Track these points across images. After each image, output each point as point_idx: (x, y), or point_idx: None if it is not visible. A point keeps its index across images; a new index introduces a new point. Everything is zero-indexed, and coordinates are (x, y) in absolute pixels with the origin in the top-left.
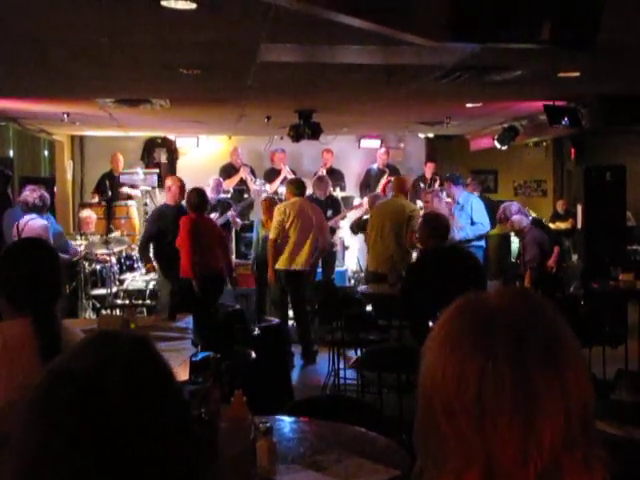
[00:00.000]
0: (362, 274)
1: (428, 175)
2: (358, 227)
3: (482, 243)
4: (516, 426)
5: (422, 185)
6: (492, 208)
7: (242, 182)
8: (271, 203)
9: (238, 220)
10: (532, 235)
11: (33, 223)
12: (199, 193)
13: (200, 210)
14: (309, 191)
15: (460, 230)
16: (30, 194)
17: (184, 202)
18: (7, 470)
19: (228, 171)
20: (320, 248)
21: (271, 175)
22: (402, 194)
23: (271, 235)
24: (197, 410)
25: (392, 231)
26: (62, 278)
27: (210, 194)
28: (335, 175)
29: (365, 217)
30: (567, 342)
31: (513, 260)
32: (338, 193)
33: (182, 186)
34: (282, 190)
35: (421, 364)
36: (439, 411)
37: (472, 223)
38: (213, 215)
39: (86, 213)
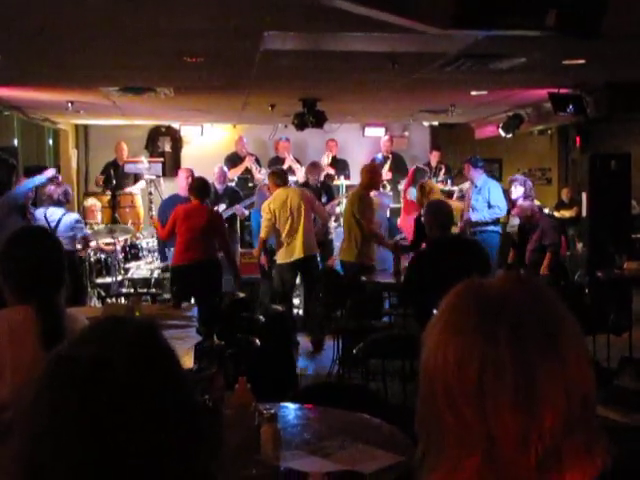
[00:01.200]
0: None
1: (433, 163)
2: None
3: (498, 228)
4: (517, 411)
5: (427, 173)
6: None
7: (247, 171)
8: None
9: (245, 211)
10: (547, 221)
11: (68, 217)
12: (202, 180)
13: (199, 195)
14: (303, 178)
15: (475, 212)
16: (55, 189)
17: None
18: (11, 454)
19: (233, 160)
20: (321, 223)
21: (275, 164)
22: (360, 184)
23: (262, 235)
24: (201, 397)
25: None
26: (65, 267)
27: (216, 184)
28: (339, 164)
29: None
30: (568, 327)
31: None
32: (343, 181)
33: (189, 177)
34: (291, 178)
35: (422, 350)
36: (440, 396)
37: (489, 206)
38: (222, 206)
39: (91, 202)
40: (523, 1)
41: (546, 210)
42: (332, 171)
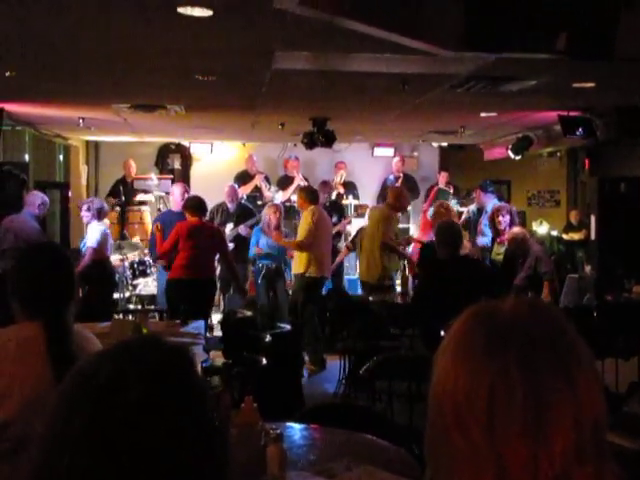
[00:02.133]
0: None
1: (442, 184)
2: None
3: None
4: (527, 437)
5: (450, 194)
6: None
7: (256, 189)
8: (276, 209)
9: (248, 230)
10: (540, 248)
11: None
12: (197, 198)
13: (197, 214)
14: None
15: (483, 237)
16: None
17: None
18: (22, 468)
19: (243, 178)
20: None
21: (284, 182)
22: (387, 204)
23: (304, 239)
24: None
25: (371, 239)
26: (75, 283)
27: (227, 202)
28: (348, 186)
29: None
30: (580, 354)
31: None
32: (351, 201)
33: (183, 192)
34: (295, 197)
35: (432, 373)
36: (450, 420)
37: None
38: (229, 226)
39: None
40: (534, 24)
41: (554, 232)
42: (342, 190)
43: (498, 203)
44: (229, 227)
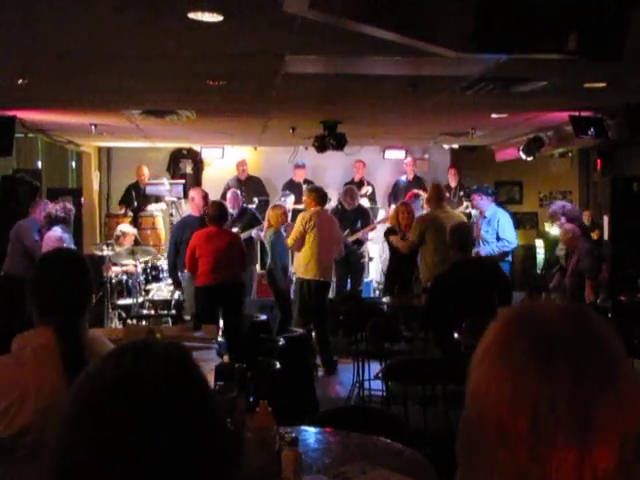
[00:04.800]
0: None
1: (452, 183)
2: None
3: (508, 257)
4: (571, 451)
5: (447, 195)
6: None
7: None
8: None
9: (260, 233)
10: (586, 247)
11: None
12: (217, 206)
13: (216, 223)
14: (334, 202)
15: (485, 244)
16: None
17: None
18: (37, 474)
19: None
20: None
21: (290, 187)
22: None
23: (290, 241)
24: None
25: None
26: (91, 290)
27: (229, 208)
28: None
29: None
30: (624, 362)
31: (539, 271)
32: (366, 203)
33: (205, 196)
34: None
35: (470, 379)
36: (491, 431)
37: (498, 239)
38: (234, 230)
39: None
40: (544, 25)
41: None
42: (370, 189)
43: (496, 208)
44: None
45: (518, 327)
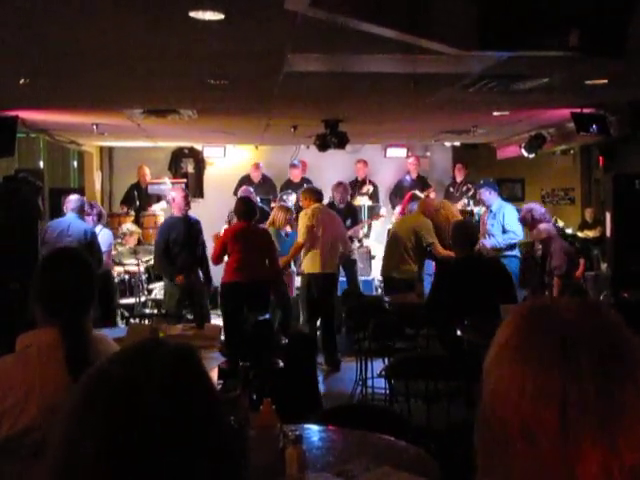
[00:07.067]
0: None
1: (459, 178)
2: None
3: (516, 252)
4: (599, 445)
5: (452, 190)
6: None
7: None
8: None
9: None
10: (560, 244)
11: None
12: (244, 201)
13: (245, 218)
14: (327, 199)
15: (491, 237)
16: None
17: (190, 212)
18: (44, 472)
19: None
20: (343, 252)
21: (287, 187)
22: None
23: (300, 239)
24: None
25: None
26: (95, 288)
27: None
28: (372, 196)
29: None
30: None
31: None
32: (366, 202)
33: (186, 196)
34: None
35: (488, 376)
36: (515, 429)
37: (504, 231)
38: None
39: (131, 227)
40: (546, 21)
41: (569, 230)
42: (371, 188)
43: (502, 202)
44: None
45: (535, 320)
